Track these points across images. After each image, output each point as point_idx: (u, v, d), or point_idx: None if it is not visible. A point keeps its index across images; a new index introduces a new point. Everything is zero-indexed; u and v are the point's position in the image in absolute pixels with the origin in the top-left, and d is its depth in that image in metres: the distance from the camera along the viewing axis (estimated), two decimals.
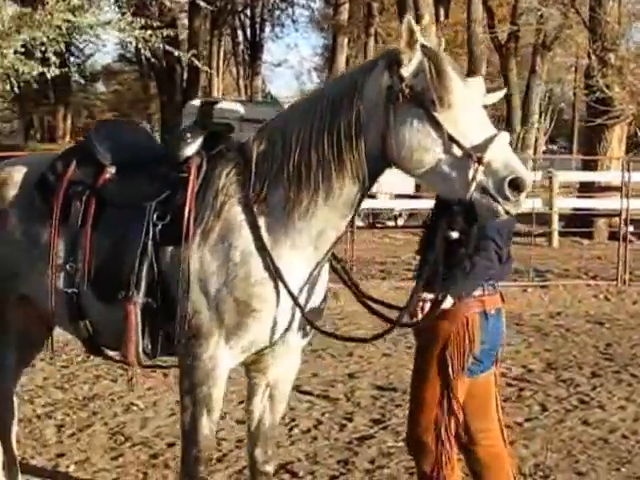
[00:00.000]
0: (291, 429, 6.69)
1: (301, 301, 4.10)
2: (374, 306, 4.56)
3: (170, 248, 4.12)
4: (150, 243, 4.14)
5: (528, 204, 15.24)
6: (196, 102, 26.58)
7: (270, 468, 4.54)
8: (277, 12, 43.89)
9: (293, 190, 3.98)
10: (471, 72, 22.25)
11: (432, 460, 4.49)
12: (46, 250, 4.35)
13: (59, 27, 16.48)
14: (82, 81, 41.60)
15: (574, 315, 11.61)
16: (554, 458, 6.19)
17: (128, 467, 5.90)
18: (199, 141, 4.28)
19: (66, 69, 18.76)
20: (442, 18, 25.31)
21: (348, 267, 4.41)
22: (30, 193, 4.50)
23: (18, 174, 4.64)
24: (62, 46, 17.54)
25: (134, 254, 4.13)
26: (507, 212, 3.78)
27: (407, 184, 23.20)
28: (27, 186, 4.54)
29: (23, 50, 16.76)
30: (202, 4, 28.13)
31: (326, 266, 4.29)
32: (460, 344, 4.39)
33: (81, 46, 38.42)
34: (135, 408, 7.14)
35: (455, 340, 4.39)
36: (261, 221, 4.03)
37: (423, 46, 3.87)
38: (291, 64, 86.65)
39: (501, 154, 3.75)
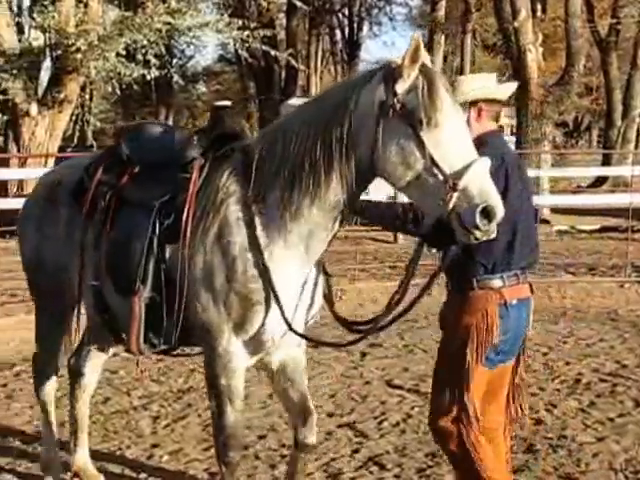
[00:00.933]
0: (380, 422, 6.71)
1: (293, 300, 4.25)
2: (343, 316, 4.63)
3: (173, 246, 4.34)
4: (156, 241, 4.38)
5: (625, 199, 15.10)
6: (293, 101, 26.72)
7: (313, 440, 4.76)
8: (375, 10, 43.86)
9: (287, 192, 4.11)
10: (569, 66, 21.87)
11: (456, 441, 4.48)
12: (78, 245, 4.70)
13: (159, 30, 16.74)
14: (183, 82, 42.11)
15: None
16: None
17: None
18: (205, 142, 4.49)
19: (166, 71, 19.02)
20: (539, 13, 24.94)
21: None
22: (72, 193, 4.84)
23: (68, 176, 4.99)
24: (162, 48, 17.81)
25: (141, 251, 4.37)
26: (476, 239, 3.81)
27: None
28: (70, 186, 4.88)
29: (125, 53, 17.06)
30: (299, 4, 28.34)
31: (321, 276, 4.45)
32: (480, 335, 4.38)
33: (182, 48, 38.90)
34: None
35: (475, 332, 4.38)
36: (257, 220, 4.17)
37: (422, 65, 3.87)
38: None
39: (477, 181, 3.76)
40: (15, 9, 19.23)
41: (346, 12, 44.33)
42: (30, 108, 16.61)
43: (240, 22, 17.77)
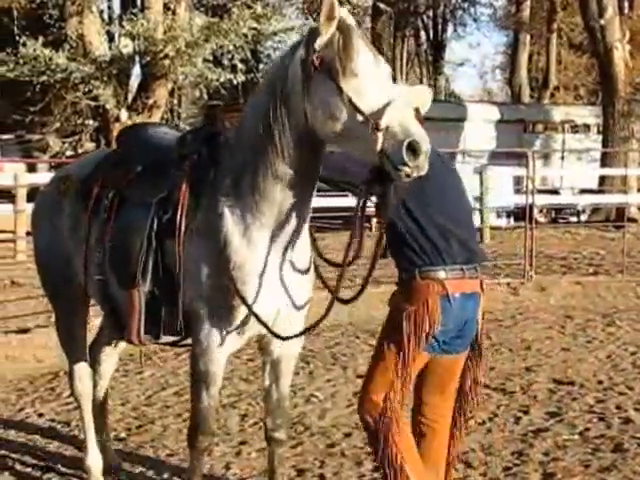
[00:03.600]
0: (466, 421, 6.66)
1: (275, 284, 4.31)
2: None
3: (169, 241, 4.44)
4: (154, 236, 4.51)
5: None
6: None
7: (280, 435, 4.80)
8: (459, 12, 43.64)
9: (253, 175, 4.18)
10: None
11: (377, 421, 4.46)
12: (83, 240, 4.88)
13: (245, 35, 16.90)
14: None
15: None
16: None
17: (306, 455, 6.01)
18: (199, 139, 4.56)
19: (253, 75, 19.17)
20: (626, 10, 24.57)
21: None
22: (79, 189, 5.01)
23: (77, 172, 5.19)
24: (248, 53, 17.98)
25: (140, 245, 4.51)
26: (407, 176, 3.80)
27: (590, 178, 22.79)
28: (77, 183, 5.06)
29: (212, 58, 17.26)
30: (383, 6, 28.35)
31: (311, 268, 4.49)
32: (418, 322, 4.34)
33: (267, 52, 39.15)
34: (315, 399, 7.27)
35: (413, 318, 4.34)
36: (235, 209, 4.26)
37: (340, 21, 3.90)
38: (474, 63, 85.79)
39: (398, 118, 3.76)
40: (106, 18, 19.60)
41: (430, 14, 44.19)
42: (120, 114, 16.92)
43: None
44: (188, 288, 4.38)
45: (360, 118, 3.80)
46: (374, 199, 4.18)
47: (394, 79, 4.17)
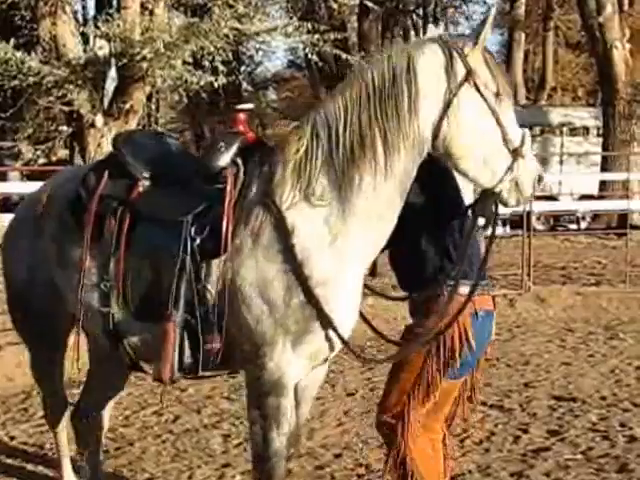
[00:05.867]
0: (462, 440, 6.64)
1: (356, 302, 4.22)
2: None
3: (211, 262, 4.17)
4: (188, 259, 4.17)
5: None
6: None
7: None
8: (450, 10, 43.76)
9: (335, 186, 4.05)
10: None
11: (395, 438, 4.47)
12: (77, 269, 4.45)
13: (226, 36, 16.87)
14: (252, 89, 42.46)
15: None
16: None
17: (294, 478, 5.96)
18: (233, 149, 4.33)
19: (234, 77, 19.16)
20: (626, 7, 24.66)
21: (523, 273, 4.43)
22: (69, 209, 4.60)
23: (60, 189, 4.78)
24: (230, 55, 17.96)
25: (172, 271, 4.17)
26: (516, 205, 4.19)
27: (590, 184, 22.82)
28: (63, 202, 4.66)
29: (191, 60, 17.24)
30: (371, 5, 28.37)
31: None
32: (449, 344, 4.32)
33: (250, 54, 39.22)
34: None
35: (444, 340, 4.31)
36: (310, 224, 4.07)
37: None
38: None
39: (530, 151, 4.05)
40: (80, 19, 19.58)
41: (420, 12, 44.29)
42: (95, 119, 16.87)
43: (310, 25, 17.83)
44: (249, 309, 4.10)
45: (503, 145, 3.99)
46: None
47: None
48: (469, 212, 4.32)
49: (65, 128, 17.82)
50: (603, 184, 21.71)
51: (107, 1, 18.95)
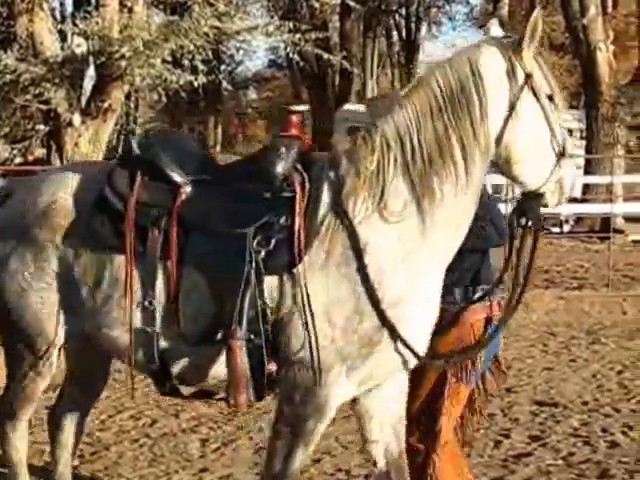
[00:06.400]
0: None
1: (430, 321, 4.09)
2: None
3: (277, 277, 3.95)
4: (253, 274, 3.93)
5: None
6: (348, 107, 26.77)
7: None
8: (433, 10, 43.83)
9: (410, 196, 3.95)
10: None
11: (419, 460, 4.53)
12: (117, 285, 4.13)
13: (206, 34, 16.85)
14: (232, 88, 42.43)
15: None
16: None
17: None
18: (293, 155, 4.13)
19: (215, 77, 19.15)
20: (610, 9, 24.78)
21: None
22: (87, 217, 4.22)
23: (65, 195, 4.32)
24: (210, 54, 17.92)
25: (234, 287, 3.91)
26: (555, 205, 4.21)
27: (574, 187, 22.82)
28: (82, 210, 4.25)
29: (171, 59, 17.21)
30: (353, 4, 28.39)
31: None
32: (465, 351, 4.37)
33: (230, 53, 39.21)
34: None
35: (460, 345, 4.36)
36: (389, 233, 3.94)
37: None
38: None
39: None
40: (58, 16, 19.50)
41: (403, 12, 44.34)
42: (73, 118, 16.81)
43: (291, 25, 17.83)
44: (305, 335, 3.88)
45: (554, 147, 4.04)
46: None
47: (364, 82, 4.14)
48: (513, 216, 4.28)
49: (42, 127, 17.75)
50: (586, 187, 21.79)
51: None
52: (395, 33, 46.30)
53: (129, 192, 4.17)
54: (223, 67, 40.78)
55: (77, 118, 16.59)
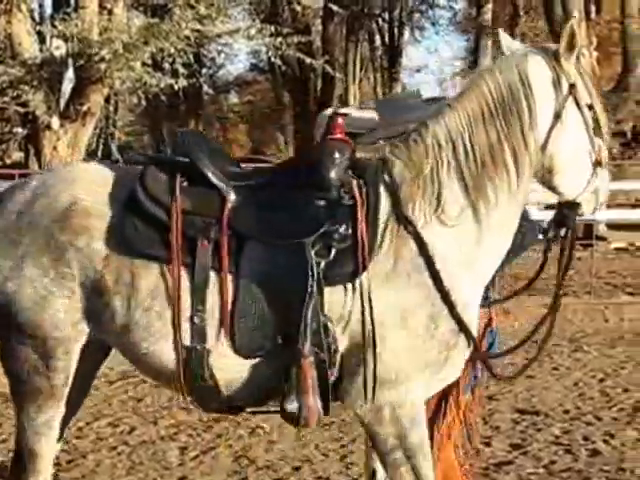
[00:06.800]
0: None
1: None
2: None
3: (336, 290, 3.83)
4: (315, 285, 3.76)
5: None
6: (329, 112, 26.80)
7: None
8: (416, 15, 43.90)
9: (481, 195, 3.95)
10: (626, 72, 21.85)
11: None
12: (157, 296, 3.88)
13: (187, 37, 16.84)
14: (213, 92, 42.35)
15: None
16: None
17: None
18: (347, 160, 3.97)
19: (195, 80, 19.14)
20: (593, 15, 24.92)
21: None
22: (116, 221, 3.94)
23: (85, 195, 4.00)
24: (191, 57, 17.92)
25: (298, 300, 3.75)
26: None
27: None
28: (108, 212, 3.96)
29: (151, 62, 17.19)
30: (336, 8, 28.43)
31: None
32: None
33: (211, 56, 39.18)
34: (261, 431, 7.24)
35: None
36: (449, 237, 3.91)
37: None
38: (432, 69, 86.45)
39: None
40: (36, 17, 19.46)
41: (386, 17, 44.40)
42: (51, 121, 16.77)
43: (273, 28, 17.84)
44: (384, 340, 3.78)
45: (592, 157, 4.05)
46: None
47: (347, 86, 4.11)
48: (550, 224, 4.33)
49: (20, 130, 17.70)
50: None
51: (65, 0, 18.84)
52: (378, 37, 46.38)
53: (170, 198, 3.93)
54: (204, 70, 40.70)
55: (55, 121, 16.56)
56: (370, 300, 3.76)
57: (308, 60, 19.09)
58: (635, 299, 13.20)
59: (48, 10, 19.84)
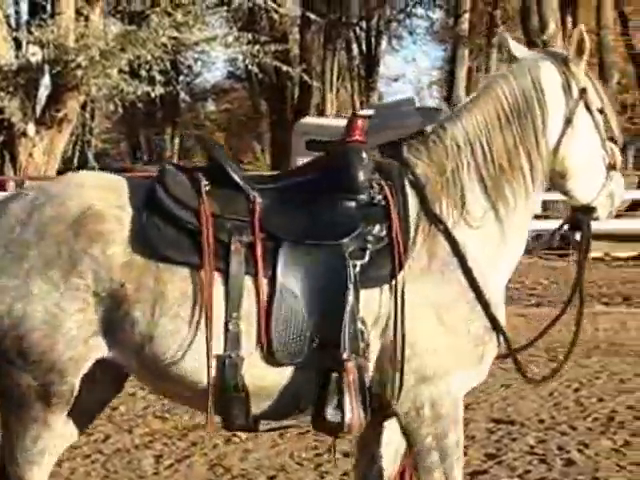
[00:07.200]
0: None
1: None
2: None
3: (371, 292, 3.80)
4: (353, 288, 3.72)
5: None
6: (308, 120, 26.76)
7: None
8: (394, 24, 44.06)
9: (495, 197, 4.02)
10: (602, 83, 21.83)
11: None
12: (186, 303, 3.72)
13: (164, 45, 16.84)
14: (190, 100, 42.34)
15: None
16: None
17: None
18: (372, 162, 3.98)
19: (172, 88, 19.13)
20: (569, 25, 25.08)
21: None
22: (135, 224, 3.75)
23: (97, 200, 3.79)
24: (168, 64, 17.93)
25: (336, 302, 3.70)
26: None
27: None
28: (125, 216, 3.77)
29: (128, 69, 17.18)
30: (313, 17, 28.47)
31: None
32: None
33: (188, 64, 39.13)
34: (236, 439, 7.23)
35: None
36: (475, 238, 3.97)
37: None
38: (409, 78, 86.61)
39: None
40: (12, 23, 19.41)
41: (364, 25, 44.54)
42: (27, 128, 16.73)
43: (250, 36, 17.87)
44: (421, 339, 3.80)
45: (605, 159, 4.13)
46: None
47: (324, 95, 4.10)
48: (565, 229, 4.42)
49: None
50: (545, 204, 21.94)
51: (41, 6, 18.81)
52: (355, 46, 46.49)
53: (197, 200, 3.80)
54: (181, 78, 40.68)
55: (31, 128, 16.53)
56: (405, 299, 3.77)
57: (285, 68, 19.16)
58: (610, 309, 13.27)
59: (24, 16, 19.80)
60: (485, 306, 3.90)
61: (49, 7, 17.92)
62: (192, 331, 3.70)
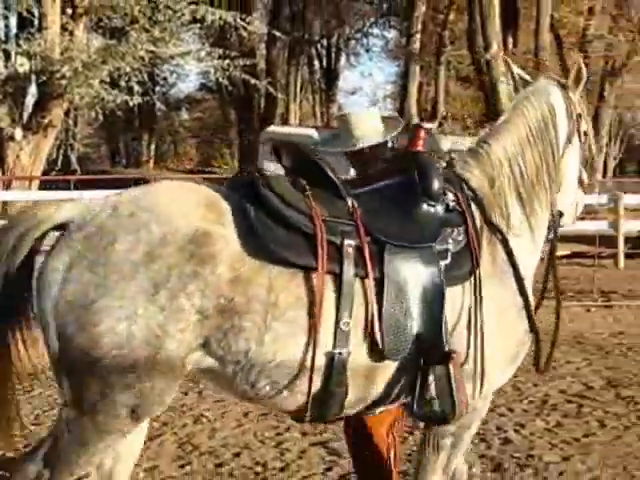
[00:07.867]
0: None
1: None
2: None
3: (452, 291, 3.76)
4: (444, 286, 3.71)
5: (592, 226, 15.21)
6: (273, 128, 26.71)
7: None
8: (352, 42, 44.14)
9: (532, 209, 4.14)
10: None
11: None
12: (300, 305, 3.50)
13: (142, 58, 16.76)
14: (166, 109, 42.18)
15: (637, 335, 11.36)
16: (610, 473, 6.08)
17: (194, 475, 5.95)
18: (441, 171, 3.97)
19: (149, 98, 19.05)
20: (510, 46, 25.21)
21: None
22: (242, 236, 3.49)
23: (201, 222, 3.46)
24: (145, 76, 17.83)
25: (431, 300, 3.66)
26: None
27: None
28: (232, 233, 3.50)
29: (108, 80, 17.07)
30: (278, 34, 28.45)
31: None
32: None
33: (164, 76, 39.00)
34: (204, 419, 7.20)
35: None
36: (517, 246, 4.03)
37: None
38: (366, 92, 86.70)
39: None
40: (2, 36, 19.23)
41: (325, 43, 44.59)
42: (15, 132, 16.58)
43: (221, 51, 17.81)
44: (483, 339, 3.78)
45: (581, 179, 4.36)
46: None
47: (288, 105, 4.06)
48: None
49: None
50: None
51: (29, 21, 18.65)
52: (317, 62, 46.55)
53: (305, 203, 3.63)
54: (157, 89, 40.52)
55: (19, 132, 16.38)
56: (480, 298, 3.79)
57: (253, 81, 19.06)
58: (546, 302, 13.33)
59: (13, 30, 19.59)
60: (529, 310, 3.98)
61: (37, 22, 17.76)
62: (305, 332, 3.50)
